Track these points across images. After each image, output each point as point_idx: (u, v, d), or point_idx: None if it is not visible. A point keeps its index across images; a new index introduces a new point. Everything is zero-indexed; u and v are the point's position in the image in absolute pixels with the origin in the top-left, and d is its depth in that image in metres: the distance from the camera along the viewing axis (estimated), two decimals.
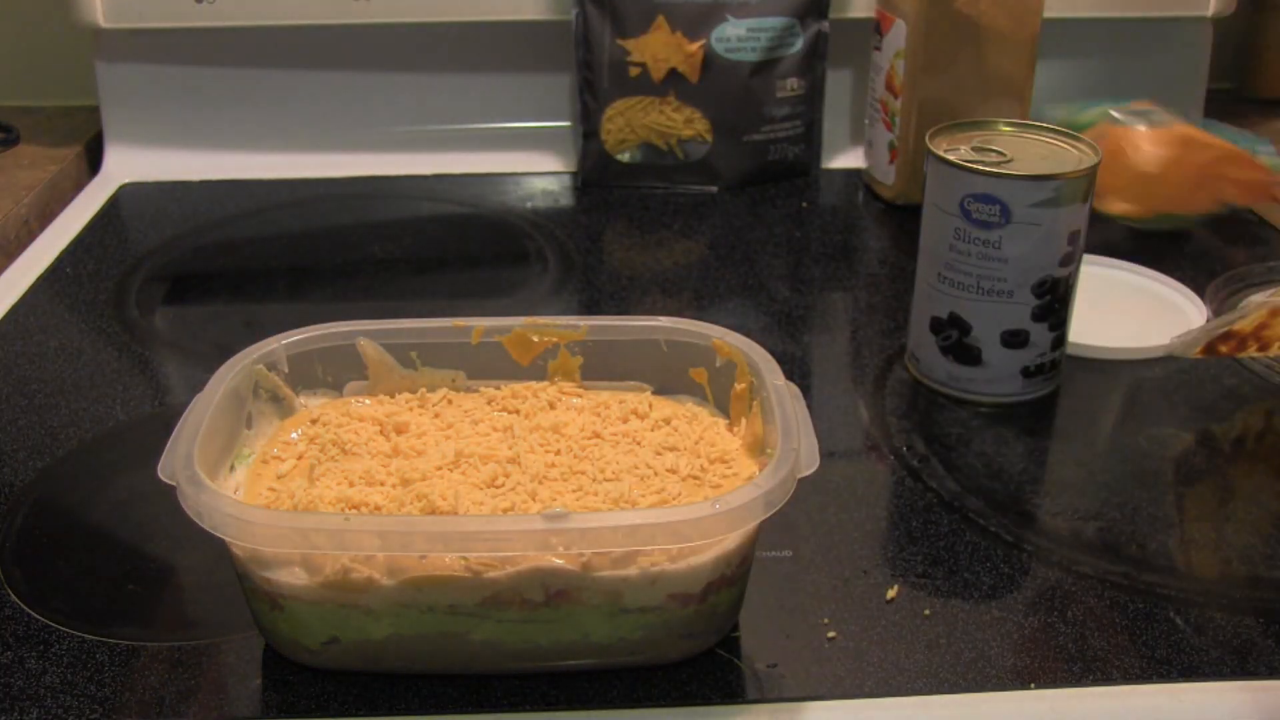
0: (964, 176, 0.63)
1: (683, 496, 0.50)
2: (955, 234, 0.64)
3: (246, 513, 0.45)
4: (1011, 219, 0.62)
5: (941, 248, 0.65)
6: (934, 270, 0.66)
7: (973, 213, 0.63)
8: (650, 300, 0.82)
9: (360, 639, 0.47)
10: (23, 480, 0.62)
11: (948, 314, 0.66)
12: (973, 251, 0.64)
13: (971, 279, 0.64)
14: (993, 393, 0.67)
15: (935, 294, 0.66)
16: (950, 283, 0.65)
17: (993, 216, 0.62)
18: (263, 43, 1.02)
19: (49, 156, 1.02)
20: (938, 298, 0.66)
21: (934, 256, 0.66)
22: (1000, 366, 0.66)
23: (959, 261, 0.64)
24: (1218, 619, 0.52)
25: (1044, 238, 0.63)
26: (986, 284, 0.64)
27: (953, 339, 0.66)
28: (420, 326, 0.58)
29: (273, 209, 0.97)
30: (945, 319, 0.66)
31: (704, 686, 0.48)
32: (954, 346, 0.67)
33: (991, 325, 0.65)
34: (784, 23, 0.97)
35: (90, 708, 0.47)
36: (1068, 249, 0.64)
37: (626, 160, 1.00)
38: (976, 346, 0.66)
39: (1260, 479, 0.63)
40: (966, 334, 0.66)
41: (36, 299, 0.82)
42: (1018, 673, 0.49)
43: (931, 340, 0.68)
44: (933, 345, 0.68)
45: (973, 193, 0.63)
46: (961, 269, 0.64)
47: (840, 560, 0.55)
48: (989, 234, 0.63)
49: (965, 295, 0.65)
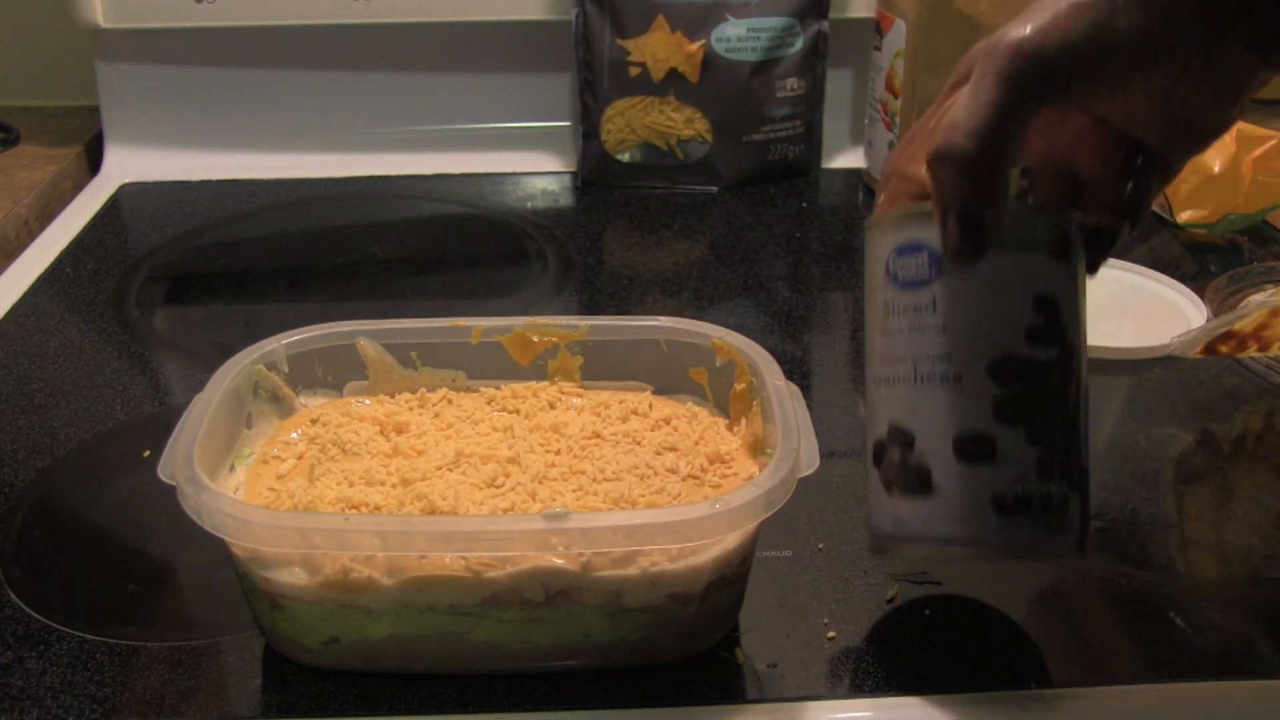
0: (886, 228, 0.47)
1: (683, 496, 0.50)
2: (885, 310, 0.47)
3: (246, 513, 0.45)
4: (943, 269, 0.45)
5: (874, 341, 0.48)
6: (871, 379, 0.49)
7: (899, 273, 0.46)
8: (650, 300, 0.82)
9: (360, 639, 0.47)
10: (23, 480, 0.62)
11: (886, 427, 0.47)
12: (904, 326, 0.46)
13: (906, 363, 0.46)
14: (948, 536, 0.46)
15: (872, 411, 0.48)
16: (885, 381, 0.47)
17: (920, 271, 0.46)
18: (263, 43, 1.02)
19: (49, 156, 1.02)
20: (875, 414, 0.48)
21: (869, 361, 0.49)
22: (958, 494, 0.46)
23: (892, 348, 0.47)
24: (1218, 619, 0.52)
25: (991, 294, 0.45)
26: (924, 365, 0.46)
27: (894, 462, 0.47)
28: (420, 326, 0.58)
29: (273, 209, 0.97)
30: (885, 436, 0.47)
31: (704, 686, 0.48)
32: (898, 474, 0.47)
33: (938, 428, 0.46)
34: (784, 23, 0.97)
35: (90, 708, 0.47)
36: (1035, 318, 0.46)
37: (626, 160, 1.00)
38: (924, 466, 0.46)
39: (1260, 479, 0.63)
40: (910, 448, 0.46)
41: (36, 299, 0.82)
42: (1018, 673, 0.49)
43: (874, 479, 0.48)
44: (876, 487, 0.48)
45: (897, 245, 0.47)
46: (895, 355, 0.47)
47: (840, 560, 0.55)
48: (918, 295, 0.46)
49: (903, 390, 0.47)
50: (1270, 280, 0.79)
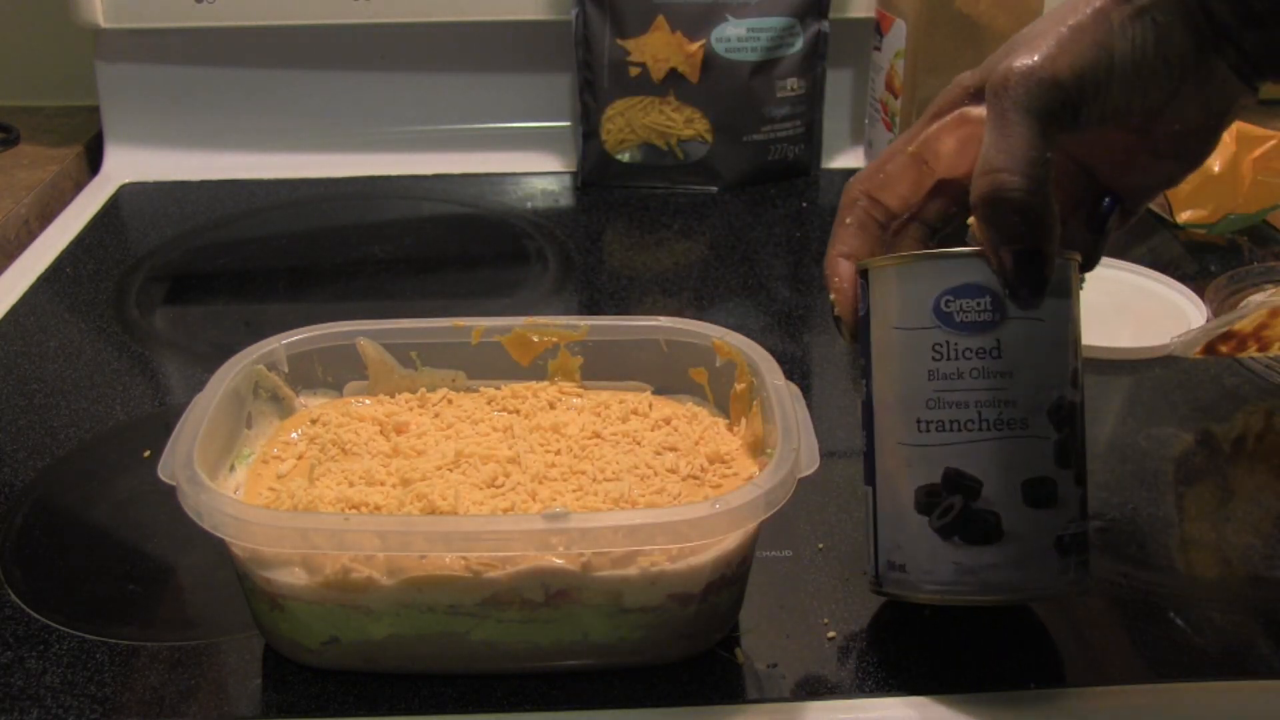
0: (937, 268, 0.46)
1: (683, 496, 0.50)
2: (935, 353, 0.46)
3: (246, 513, 0.45)
4: (1008, 312, 0.45)
5: (915, 383, 0.46)
6: (907, 423, 0.47)
7: (955, 314, 0.45)
8: (650, 300, 0.82)
9: (360, 639, 0.47)
10: (23, 480, 0.62)
11: (941, 474, 0.46)
12: (965, 370, 0.45)
13: (970, 410, 0.46)
14: (1021, 584, 0.47)
15: (914, 456, 0.47)
16: (939, 426, 0.46)
17: (983, 313, 0.45)
18: (263, 43, 1.02)
19: (49, 156, 1.02)
20: (919, 459, 0.47)
21: (904, 404, 0.47)
22: (1028, 539, 0.46)
23: (947, 392, 0.46)
24: (1218, 619, 0.52)
25: (1052, 340, 0.46)
26: (990, 412, 0.45)
27: (954, 509, 0.46)
28: (420, 326, 0.58)
29: (273, 209, 0.97)
30: (939, 483, 0.46)
31: (704, 686, 0.48)
32: (958, 522, 0.46)
33: (1007, 476, 0.46)
34: (784, 23, 0.97)
35: (90, 708, 0.47)
36: (1074, 363, 0.47)
37: (626, 160, 1.00)
38: (991, 512, 0.46)
39: (1260, 479, 0.63)
40: (974, 497, 0.46)
41: (36, 299, 0.82)
42: (1018, 673, 0.49)
43: (919, 526, 0.47)
44: (923, 534, 0.47)
45: (951, 287, 0.45)
46: (952, 400, 0.46)
47: (840, 560, 0.55)
48: (982, 338, 0.45)
49: (965, 437, 0.46)
50: (1270, 280, 0.79)
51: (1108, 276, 0.82)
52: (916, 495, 0.47)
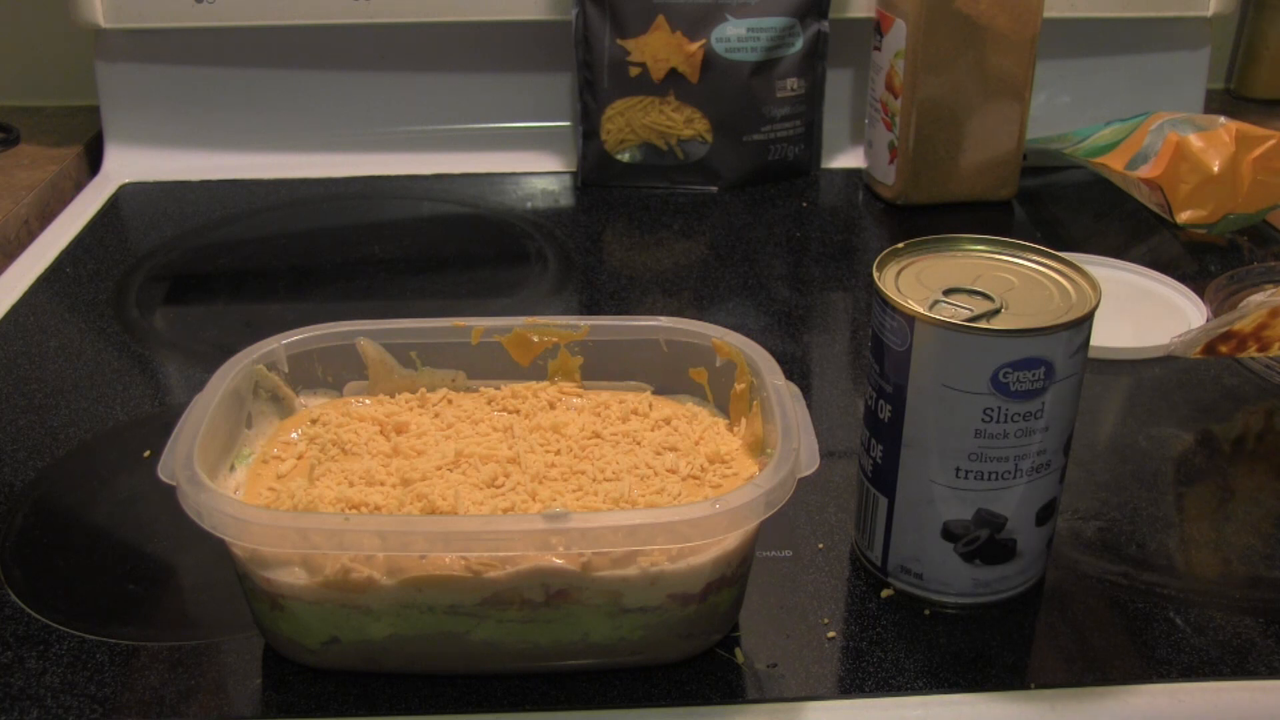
0: (998, 345, 0.48)
1: (683, 496, 0.50)
2: (985, 416, 0.49)
3: (246, 513, 0.45)
4: (1054, 377, 0.49)
5: (960, 438, 0.50)
6: (944, 468, 0.51)
7: (1011, 384, 0.48)
8: (650, 300, 0.82)
9: (360, 639, 0.47)
10: (23, 480, 0.62)
11: (973, 513, 0.51)
12: (1010, 430, 0.49)
13: (1009, 463, 0.50)
14: (1023, 583, 0.54)
15: (948, 495, 0.51)
16: (977, 475, 0.50)
17: (1036, 382, 0.48)
18: (263, 43, 1.02)
19: (49, 156, 1.02)
20: (953, 498, 0.51)
21: (944, 452, 0.50)
22: (1033, 551, 0.53)
23: (989, 449, 0.50)
24: (1218, 619, 0.52)
25: (1076, 386, 0.50)
26: (1026, 463, 0.50)
27: (980, 540, 0.52)
28: (420, 326, 0.58)
29: (273, 209, 0.97)
30: (970, 520, 0.51)
31: (704, 686, 0.48)
32: (981, 549, 0.52)
33: (1028, 508, 0.52)
34: (784, 23, 0.97)
35: (90, 708, 0.47)
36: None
37: (626, 160, 1.00)
38: (1011, 539, 0.52)
39: (1260, 479, 0.63)
40: (1000, 529, 0.51)
41: (36, 299, 0.82)
42: (1018, 673, 0.49)
43: (943, 551, 0.52)
44: (946, 557, 0.52)
45: (1011, 361, 0.48)
46: (994, 455, 0.50)
47: (840, 560, 0.55)
48: (1030, 404, 0.49)
49: (999, 485, 0.50)
50: (1270, 280, 0.79)
51: (1108, 276, 0.82)
52: (945, 526, 0.51)
